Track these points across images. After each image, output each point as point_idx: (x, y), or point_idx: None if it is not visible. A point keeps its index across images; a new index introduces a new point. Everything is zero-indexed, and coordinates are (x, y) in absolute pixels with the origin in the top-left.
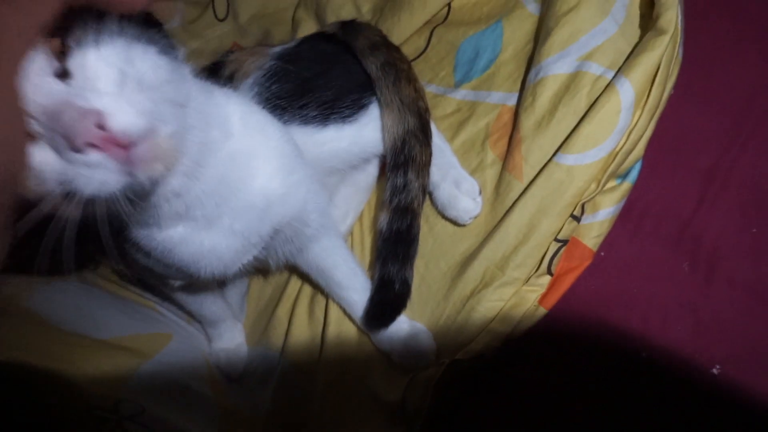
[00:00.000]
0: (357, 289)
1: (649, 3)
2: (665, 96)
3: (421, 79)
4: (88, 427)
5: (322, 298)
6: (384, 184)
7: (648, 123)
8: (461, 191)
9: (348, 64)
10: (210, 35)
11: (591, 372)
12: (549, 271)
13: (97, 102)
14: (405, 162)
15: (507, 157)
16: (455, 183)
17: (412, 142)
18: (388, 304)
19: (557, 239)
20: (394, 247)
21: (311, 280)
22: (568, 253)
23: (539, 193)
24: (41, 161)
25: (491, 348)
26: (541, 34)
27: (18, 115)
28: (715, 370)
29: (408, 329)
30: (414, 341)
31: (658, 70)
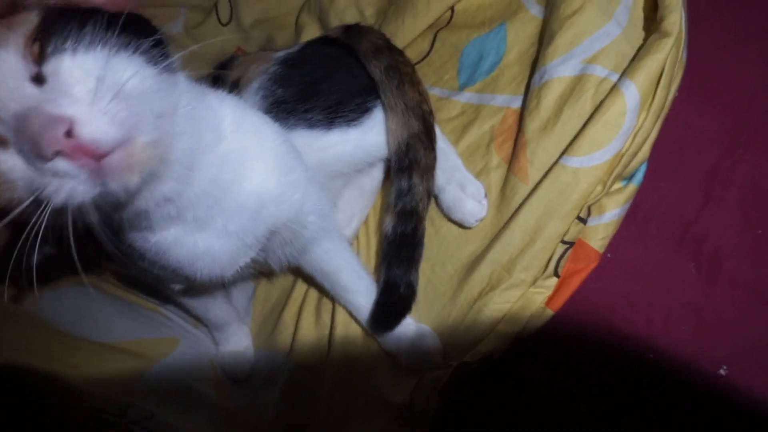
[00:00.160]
0: (362, 292)
1: (652, 5)
2: (670, 98)
3: (425, 83)
4: (94, 431)
5: (328, 301)
6: (389, 187)
7: (653, 125)
8: (466, 194)
9: (352, 68)
10: (213, 39)
11: (597, 373)
12: (556, 273)
13: (68, 109)
14: (409, 165)
15: (512, 160)
16: (460, 186)
17: (416, 145)
18: (393, 307)
19: (564, 241)
20: (399, 251)
21: (317, 283)
22: (574, 255)
23: (545, 196)
24: (9, 168)
25: (499, 350)
26: (545, 36)
27: None
28: (722, 371)
29: (414, 331)
30: (420, 343)
31: (662, 72)
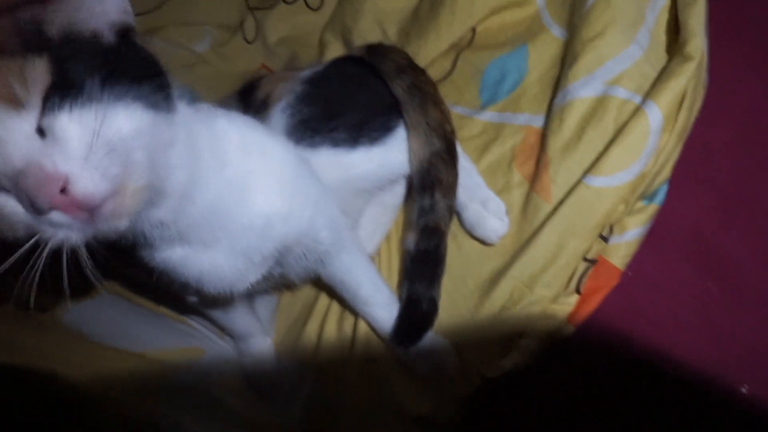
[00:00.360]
0: (381, 305)
1: (673, 28)
2: (692, 119)
3: (447, 101)
4: None
5: (350, 314)
6: (411, 203)
7: (675, 146)
8: (489, 211)
9: (375, 87)
10: (239, 57)
11: (617, 388)
12: (577, 290)
13: (64, 166)
14: (432, 184)
15: (534, 179)
16: (482, 203)
17: (438, 164)
18: (416, 322)
19: (585, 259)
20: (421, 267)
21: (339, 295)
22: (596, 273)
23: (568, 214)
24: (12, 211)
25: (520, 364)
26: (568, 58)
27: None
28: (743, 389)
29: (430, 343)
30: (435, 355)
31: (685, 94)
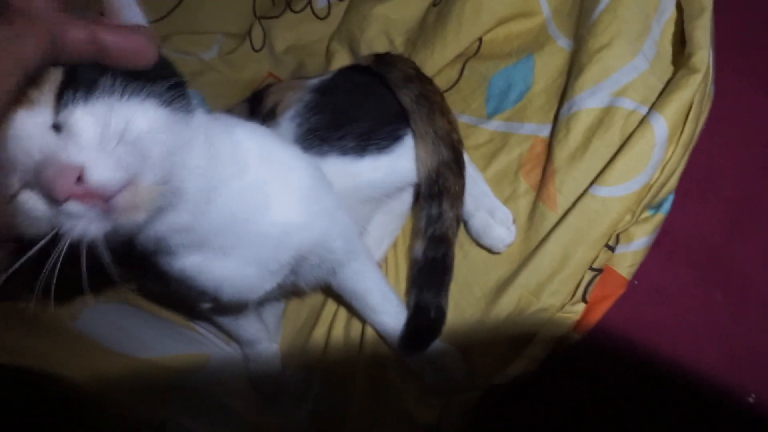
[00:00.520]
0: (389, 313)
1: (679, 40)
2: (698, 131)
3: (454, 110)
4: None
5: (357, 321)
6: (418, 211)
7: (681, 157)
8: (495, 220)
9: (383, 96)
10: (246, 65)
11: (624, 396)
12: (584, 299)
13: (78, 156)
14: (439, 193)
15: (541, 188)
16: (489, 212)
17: (446, 173)
18: (424, 330)
19: (592, 268)
20: (429, 275)
21: (346, 302)
22: (602, 282)
23: (575, 223)
24: (34, 206)
25: (527, 372)
26: (574, 69)
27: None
28: (751, 398)
29: (438, 350)
30: (443, 362)
31: (691, 106)
